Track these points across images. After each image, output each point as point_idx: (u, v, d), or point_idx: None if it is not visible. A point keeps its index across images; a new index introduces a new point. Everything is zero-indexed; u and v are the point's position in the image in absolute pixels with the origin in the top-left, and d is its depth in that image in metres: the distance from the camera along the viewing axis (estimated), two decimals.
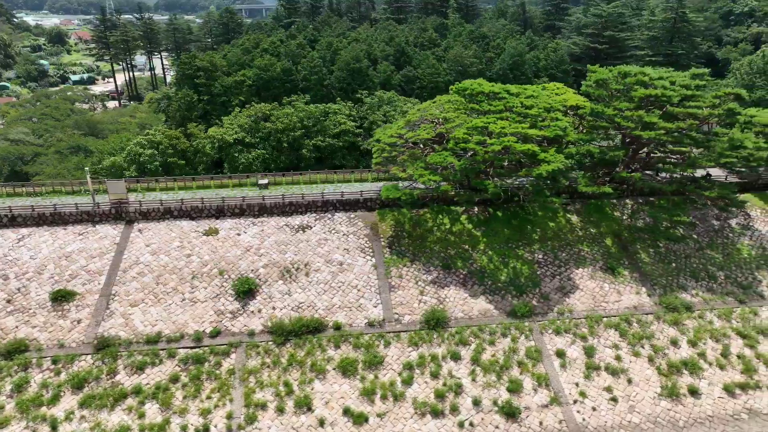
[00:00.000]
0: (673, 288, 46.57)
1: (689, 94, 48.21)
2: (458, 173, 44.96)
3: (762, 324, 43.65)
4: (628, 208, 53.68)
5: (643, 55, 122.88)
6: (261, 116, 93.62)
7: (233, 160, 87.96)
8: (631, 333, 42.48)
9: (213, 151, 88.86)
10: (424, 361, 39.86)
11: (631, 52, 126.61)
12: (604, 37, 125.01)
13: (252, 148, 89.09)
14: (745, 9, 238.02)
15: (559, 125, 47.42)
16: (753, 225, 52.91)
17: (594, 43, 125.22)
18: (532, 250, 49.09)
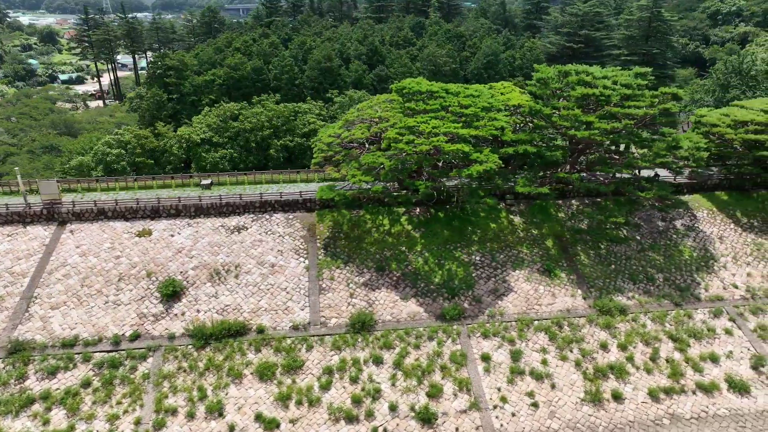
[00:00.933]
0: (609, 290, 45.85)
1: (629, 93, 47.48)
2: (389, 173, 44.17)
3: (695, 327, 42.94)
4: (573, 209, 52.97)
5: (618, 55, 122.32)
6: (230, 116, 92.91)
7: (200, 159, 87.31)
8: (561, 336, 41.75)
9: (180, 151, 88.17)
10: (345, 365, 39.11)
11: (608, 52, 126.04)
12: (579, 36, 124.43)
13: (220, 148, 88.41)
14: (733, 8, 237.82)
15: (496, 125, 46.69)
16: (698, 226, 52.20)
17: (569, 42, 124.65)
18: (469, 252, 48.35)
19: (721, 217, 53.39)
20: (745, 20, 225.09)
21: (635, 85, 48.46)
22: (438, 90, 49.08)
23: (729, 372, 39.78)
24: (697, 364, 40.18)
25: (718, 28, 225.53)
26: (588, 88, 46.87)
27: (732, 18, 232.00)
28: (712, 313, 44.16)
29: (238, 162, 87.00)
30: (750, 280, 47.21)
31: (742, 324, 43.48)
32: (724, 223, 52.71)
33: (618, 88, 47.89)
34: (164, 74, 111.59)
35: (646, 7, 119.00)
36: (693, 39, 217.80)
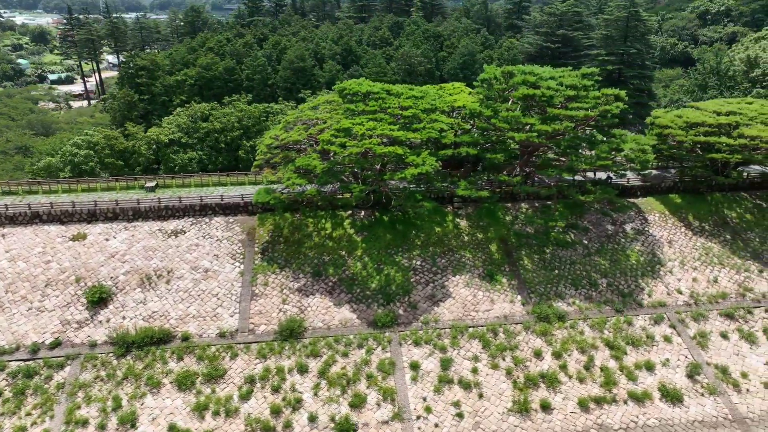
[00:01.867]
0: (550, 296, 44.84)
1: (572, 94, 46.47)
2: (322, 176, 43.13)
3: (634, 334, 41.94)
4: (522, 213, 51.93)
5: (596, 55, 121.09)
6: (200, 116, 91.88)
7: (169, 160, 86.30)
8: (495, 344, 40.74)
9: (149, 152, 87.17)
10: (269, 374, 38.08)
11: (586, 52, 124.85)
12: (557, 36, 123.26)
13: (189, 149, 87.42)
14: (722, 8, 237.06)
15: (435, 127, 45.66)
16: (648, 230, 51.19)
17: (547, 43, 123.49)
18: (411, 256, 47.31)
19: (672, 220, 52.39)
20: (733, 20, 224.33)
21: (581, 86, 47.42)
22: (378, 91, 48.03)
23: (663, 381, 38.79)
24: (632, 372, 39.18)
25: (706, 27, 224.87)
26: (531, 89, 45.79)
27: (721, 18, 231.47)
28: (652, 320, 43.15)
29: (207, 163, 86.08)
30: (695, 286, 46.21)
31: (683, 331, 42.48)
32: (675, 227, 51.70)
33: (562, 90, 46.85)
34: (136, 74, 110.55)
35: (623, 7, 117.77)
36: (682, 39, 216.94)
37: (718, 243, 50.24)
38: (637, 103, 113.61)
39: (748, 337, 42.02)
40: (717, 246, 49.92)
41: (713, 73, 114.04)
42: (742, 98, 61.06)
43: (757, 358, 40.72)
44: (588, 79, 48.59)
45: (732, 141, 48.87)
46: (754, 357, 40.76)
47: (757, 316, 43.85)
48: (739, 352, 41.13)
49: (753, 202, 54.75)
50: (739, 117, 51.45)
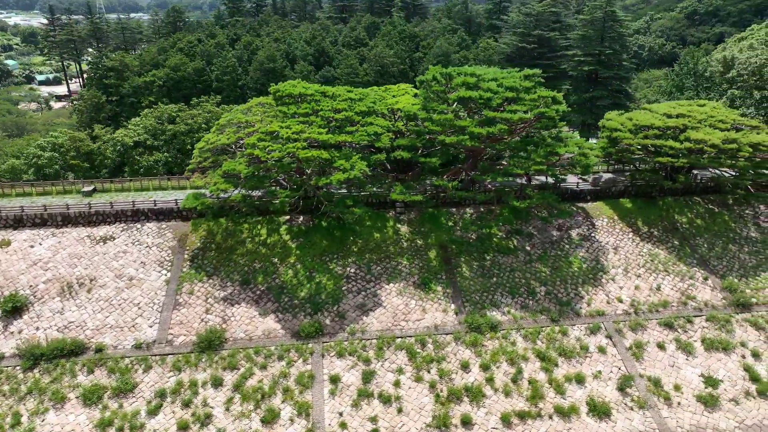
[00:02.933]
0: (485, 305, 43.40)
1: (511, 96, 45.06)
2: (247, 182, 41.67)
3: (568, 345, 40.51)
4: (466, 218, 50.48)
5: (573, 55, 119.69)
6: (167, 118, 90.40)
7: (134, 163, 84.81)
8: (422, 356, 39.29)
9: (114, 154, 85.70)
10: (181, 387, 36.60)
11: (562, 52, 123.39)
12: (532, 36, 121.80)
13: (155, 151, 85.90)
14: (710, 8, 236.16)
15: (369, 130, 44.25)
16: (594, 236, 49.78)
17: (522, 43, 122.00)
18: (345, 264, 45.87)
19: (621, 225, 50.99)
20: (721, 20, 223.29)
21: (521, 87, 46.01)
22: (313, 93, 46.58)
23: (593, 394, 37.37)
24: (561, 385, 37.75)
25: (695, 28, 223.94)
26: (468, 91, 44.38)
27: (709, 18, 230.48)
28: (589, 330, 41.73)
29: (173, 165, 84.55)
30: (637, 294, 44.79)
31: (619, 341, 41.05)
32: (622, 233, 50.30)
33: (501, 91, 45.43)
34: (104, 75, 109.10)
35: (599, 7, 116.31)
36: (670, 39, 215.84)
37: (666, 249, 48.84)
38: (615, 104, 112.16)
39: (685, 347, 40.60)
40: (664, 252, 48.51)
41: (690, 74, 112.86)
42: (695, 100, 59.68)
43: (692, 369, 39.30)
44: (529, 80, 47.19)
45: (678, 144, 47.49)
46: (689, 369, 39.35)
47: (697, 326, 42.44)
48: (675, 363, 39.71)
49: (705, 207, 53.36)
50: (688, 120, 50.06)
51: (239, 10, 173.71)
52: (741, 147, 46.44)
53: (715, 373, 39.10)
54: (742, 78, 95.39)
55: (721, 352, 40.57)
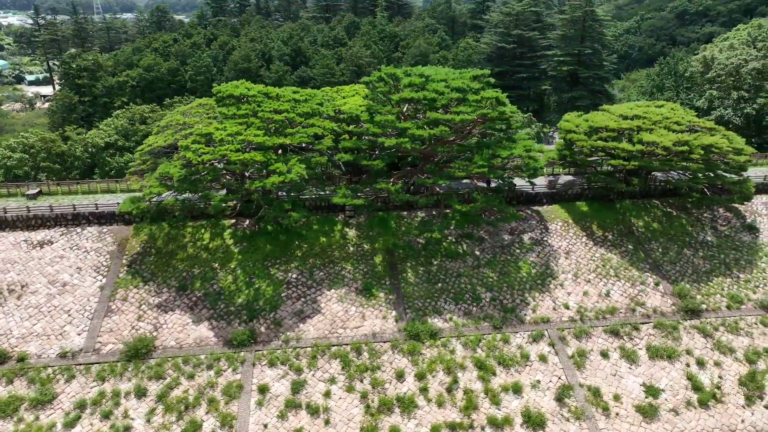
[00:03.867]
0: (427, 311, 42.27)
1: (456, 97, 43.92)
2: (179, 185, 40.52)
3: (508, 353, 39.39)
4: (417, 222, 49.35)
5: (553, 55, 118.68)
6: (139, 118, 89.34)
7: (105, 164, 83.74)
8: (357, 364, 38.15)
9: (85, 155, 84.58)
10: (103, 398, 35.45)
11: (542, 52, 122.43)
12: (512, 36, 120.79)
13: (126, 152, 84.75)
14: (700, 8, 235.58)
15: (309, 132, 43.13)
16: (547, 240, 48.66)
17: (502, 43, 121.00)
18: (288, 269, 44.74)
19: (575, 229, 49.88)
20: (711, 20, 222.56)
21: (468, 88, 44.88)
22: (255, 94, 45.44)
23: (529, 404, 36.25)
24: (497, 395, 36.63)
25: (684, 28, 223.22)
26: (412, 92, 43.25)
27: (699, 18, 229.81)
28: (531, 338, 40.61)
29: None
30: (584, 300, 43.69)
31: (561, 349, 39.93)
32: (576, 237, 49.20)
33: (447, 92, 44.30)
34: (77, 75, 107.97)
35: (579, 6, 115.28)
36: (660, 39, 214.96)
37: (619, 254, 47.74)
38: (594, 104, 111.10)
39: (629, 355, 39.50)
40: (616, 257, 47.42)
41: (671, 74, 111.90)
42: (653, 101, 58.51)
43: (634, 379, 38.20)
44: (478, 81, 46.08)
45: (630, 147, 46.39)
46: (631, 378, 38.24)
47: (643, 333, 41.35)
48: (617, 372, 38.61)
49: (663, 210, 52.27)
50: (642, 121, 48.96)
51: (223, 10, 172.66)
52: (693, 149, 45.33)
53: (658, 382, 38.01)
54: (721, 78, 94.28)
55: (665, 360, 39.47)
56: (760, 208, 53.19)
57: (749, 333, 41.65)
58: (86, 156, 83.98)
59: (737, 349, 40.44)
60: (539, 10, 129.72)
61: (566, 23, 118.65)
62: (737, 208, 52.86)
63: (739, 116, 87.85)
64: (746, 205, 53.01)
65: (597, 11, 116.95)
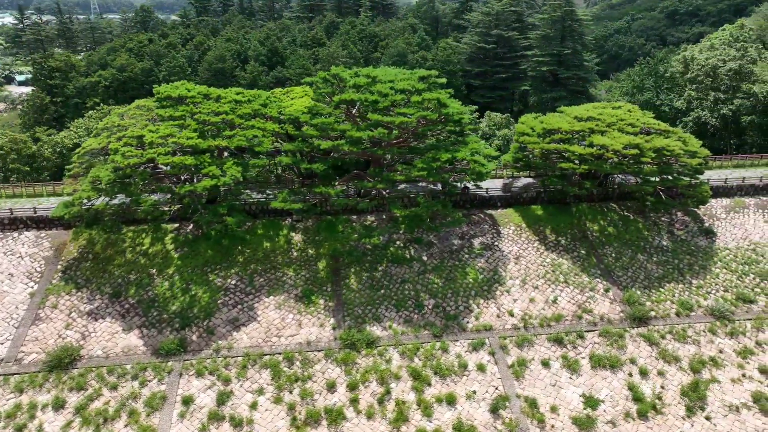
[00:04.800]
0: (366, 319, 41.09)
1: (399, 99, 42.78)
2: (108, 189, 39.33)
3: (446, 362, 38.20)
4: (366, 226, 48.16)
5: (532, 55, 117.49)
6: None
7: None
8: (288, 374, 36.97)
9: (55, 156, 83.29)
10: (18, 411, 34.22)
11: (522, 52, 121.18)
12: (491, 36, 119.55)
13: None
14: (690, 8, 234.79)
15: (248, 134, 41.96)
16: (497, 244, 47.49)
17: (481, 43, 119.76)
18: (227, 275, 43.56)
19: (527, 234, 48.73)
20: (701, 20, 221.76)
21: (414, 90, 43.73)
22: (195, 95, 44.26)
23: (462, 416, 35.07)
24: (430, 407, 35.44)
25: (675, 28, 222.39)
26: (351, 93, 42.10)
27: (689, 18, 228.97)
28: (472, 346, 39.41)
29: None
30: (530, 307, 42.52)
31: (501, 358, 38.75)
32: (528, 241, 48.04)
33: (392, 94, 43.16)
34: (49, 76, 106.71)
35: (558, 6, 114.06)
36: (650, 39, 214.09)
37: (570, 259, 46.59)
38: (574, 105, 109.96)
39: (571, 365, 38.32)
40: (567, 262, 46.26)
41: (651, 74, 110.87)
42: (609, 103, 57.29)
43: (574, 389, 37.02)
44: (425, 82, 44.92)
45: (581, 150, 45.25)
46: (571, 388, 37.06)
47: (588, 341, 40.19)
48: (557, 382, 37.44)
49: (620, 214, 51.12)
50: (595, 123, 47.84)
51: (206, 10, 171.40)
52: (644, 152, 44.18)
53: (598, 392, 36.85)
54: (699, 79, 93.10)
55: (608, 369, 38.32)
56: (720, 212, 52.08)
57: (696, 341, 40.51)
58: (55, 157, 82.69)
59: (683, 357, 39.30)
60: (520, 10, 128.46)
61: (546, 23, 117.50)
62: (696, 211, 51.77)
63: (715, 117, 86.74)
64: (705, 208, 51.95)
65: (577, 11, 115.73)
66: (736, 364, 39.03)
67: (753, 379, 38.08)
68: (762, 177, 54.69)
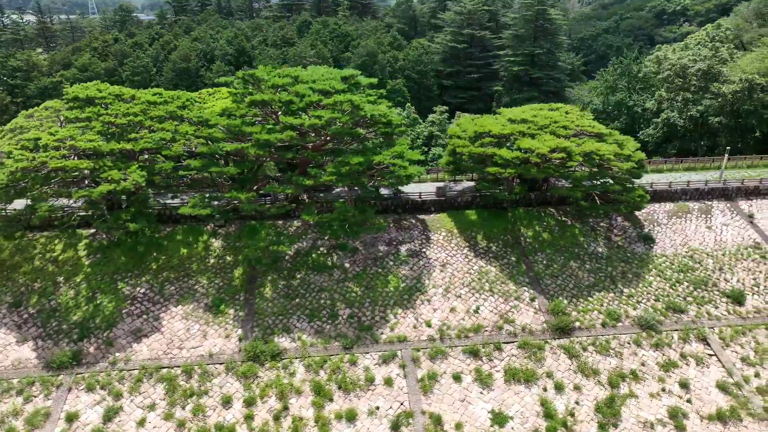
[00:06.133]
0: (276, 330, 39.38)
1: (316, 100, 41.08)
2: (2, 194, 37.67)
3: (353, 376, 36.50)
4: (292, 231, 46.47)
5: (504, 55, 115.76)
6: None
7: None
8: (184, 389, 35.26)
9: None
10: None
11: (495, 52, 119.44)
12: (463, 35, 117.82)
13: None
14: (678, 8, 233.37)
15: (155, 137, 40.27)
16: (425, 251, 45.79)
17: (453, 42, 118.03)
18: (137, 283, 41.85)
19: (458, 240, 47.02)
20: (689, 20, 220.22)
21: (333, 90, 42.04)
22: (106, 96, 42.59)
23: None
24: (327, 424, 33.76)
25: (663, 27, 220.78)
26: (262, 95, 40.41)
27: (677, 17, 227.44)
28: (382, 359, 37.71)
29: None
30: (450, 317, 40.80)
31: (411, 372, 37.05)
32: (458, 248, 46.33)
33: (309, 94, 41.46)
34: (10, 75, 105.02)
35: (530, 5, 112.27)
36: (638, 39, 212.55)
37: (499, 266, 44.88)
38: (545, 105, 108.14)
39: (484, 379, 36.61)
40: (496, 270, 44.56)
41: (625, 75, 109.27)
42: (549, 104, 55.42)
43: (483, 405, 35.32)
44: (345, 82, 43.23)
45: (508, 153, 43.54)
46: (480, 404, 35.35)
47: (505, 353, 38.48)
48: (467, 397, 35.73)
49: (558, 219, 49.41)
50: (527, 126, 46.14)
51: (184, 9, 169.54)
52: (572, 156, 42.48)
53: (508, 408, 35.15)
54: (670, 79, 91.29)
55: (522, 384, 36.61)
56: (662, 217, 50.40)
57: (619, 353, 38.81)
58: None
59: (602, 371, 37.61)
60: (495, 9, 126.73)
61: (518, 22, 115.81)
62: (637, 216, 50.07)
63: (684, 118, 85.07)
64: (648, 213, 50.28)
65: (550, 11, 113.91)
66: (657, 378, 37.34)
67: (672, 393, 36.40)
68: (708, 181, 52.97)
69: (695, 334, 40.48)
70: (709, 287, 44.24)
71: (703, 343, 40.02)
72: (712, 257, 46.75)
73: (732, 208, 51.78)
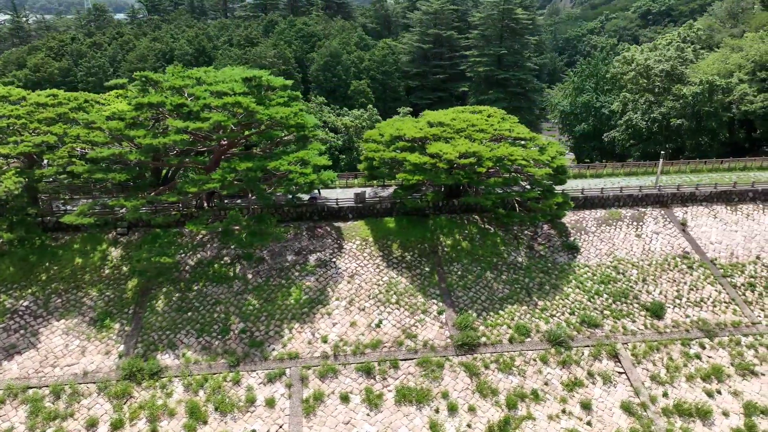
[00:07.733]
0: (160, 346, 37.14)
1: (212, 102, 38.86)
2: None
3: (233, 396, 34.30)
4: (197, 240, 44.29)
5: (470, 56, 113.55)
6: None
7: None
8: (47, 411, 33.01)
9: None
10: None
11: (461, 52, 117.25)
12: (429, 35, 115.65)
13: None
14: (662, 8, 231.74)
15: (35, 141, 38.08)
16: (335, 261, 43.61)
17: (418, 43, 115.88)
18: (22, 295, 39.61)
19: (372, 249, 44.84)
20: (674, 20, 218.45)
21: (232, 93, 39.81)
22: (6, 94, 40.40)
23: None
24: None
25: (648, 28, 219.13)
26: (150, 97, 38.19)
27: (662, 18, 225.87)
28: (268, 377, 35.49)
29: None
30: (349, 332, 38.60)
31: (297, 391, 34.85)
32: (370, 257, 44.15)
33: (204, 97, 39.27)
34: None
35: (495, 5, 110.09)
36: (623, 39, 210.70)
37: (410, 277, 42.71)
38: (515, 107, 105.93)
39: (373, 399, 34.42)
40: (406, 281, 42.38)
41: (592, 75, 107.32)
42: (472, 107, 53.16)
43: (369, 428, 33.14)
44: (247, 84, 41.01)
45: (416, 158, 41.34)
46: (365, 427, 33.17)
47: (401, 372, 36.29)
48: (351, 419, 33.53)
49: (480, 227, 47.25)
50: (443, 129, 43.97)
51: (156, 9, 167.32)
52: (482, 161, 40.30)
53: None
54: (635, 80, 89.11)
55: (413, 405, 34.41)
56: (590, 224, 48.27)
57: (522, 371, 36.63)
58: None
59: (501, 390, 35.44)
60: (463, 9, 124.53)
61: (484, 22, 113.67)
62: (564, 224, 47.93)
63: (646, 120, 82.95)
64: (576, 220, 48.15)
65: (516, 11, 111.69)
66: (559, 398, 35.18)
67: (572, 415, 34.24)
68: (642, 187, 50.83)
69: (607, 350, 38.33)
70: (629, 300, 42.09)
71: (614, 360, 37.88)
72: (637, 267, 44.61)
73: (666, 215, 49.66)
